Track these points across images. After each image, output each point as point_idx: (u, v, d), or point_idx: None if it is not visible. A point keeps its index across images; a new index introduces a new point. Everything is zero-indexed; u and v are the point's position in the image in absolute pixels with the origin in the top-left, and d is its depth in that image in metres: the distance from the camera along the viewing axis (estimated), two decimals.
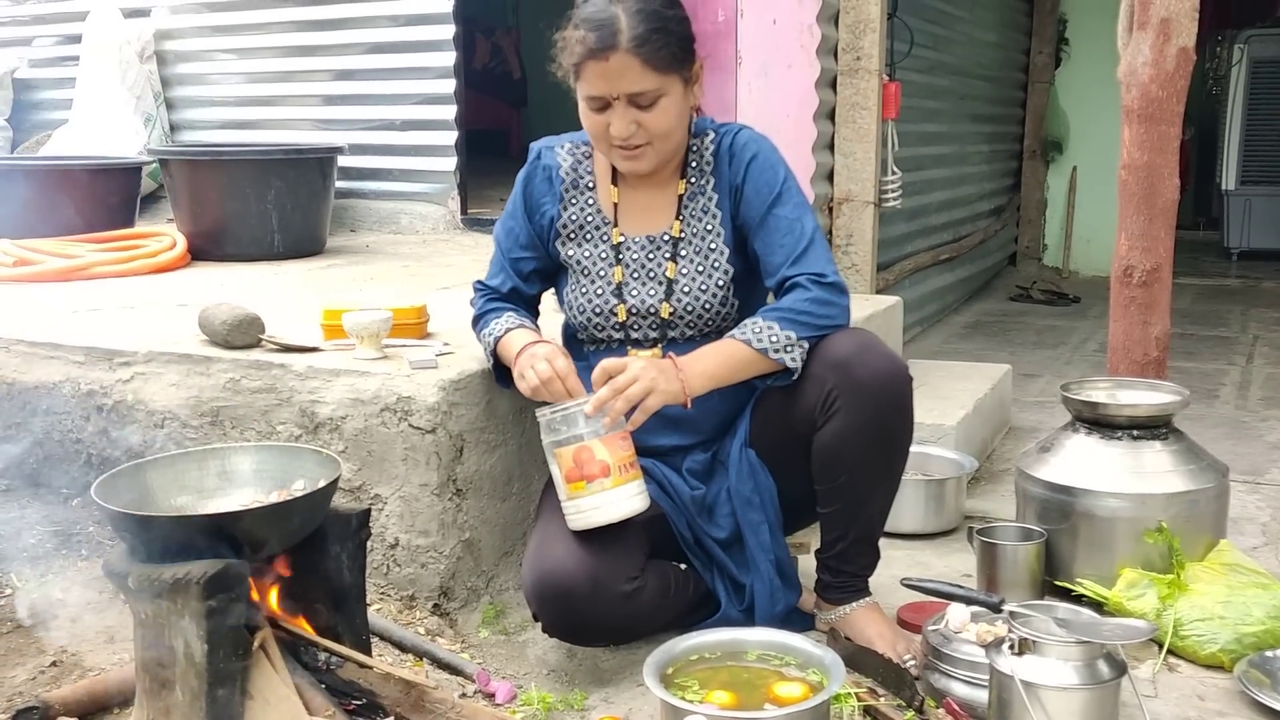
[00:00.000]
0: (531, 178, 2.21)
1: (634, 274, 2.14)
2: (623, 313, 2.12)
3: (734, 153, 2.13)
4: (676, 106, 2.02)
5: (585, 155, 2.21)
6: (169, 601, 1.57)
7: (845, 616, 2.11)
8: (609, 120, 2.00)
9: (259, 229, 3.88)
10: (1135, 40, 2.72)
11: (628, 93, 1.97)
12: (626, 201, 2.17)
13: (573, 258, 2.18)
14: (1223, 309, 6.09)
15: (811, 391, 2.00)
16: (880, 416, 1.98)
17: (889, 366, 1.99)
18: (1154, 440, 2.34)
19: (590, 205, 2.18)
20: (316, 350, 2.41)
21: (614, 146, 2.04)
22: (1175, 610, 2.13)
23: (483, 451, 2.29)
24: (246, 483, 1.84)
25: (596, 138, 2.06)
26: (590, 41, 1.96)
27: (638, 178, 2.15)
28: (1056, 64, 7.25)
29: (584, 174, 2.20)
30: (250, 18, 4.95)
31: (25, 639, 2.05)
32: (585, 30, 1.97)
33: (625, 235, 2.15)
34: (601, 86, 1.98)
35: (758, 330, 1.98)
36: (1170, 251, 2.78)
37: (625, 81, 1.96)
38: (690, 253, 2.13)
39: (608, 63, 1.96)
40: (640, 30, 1.95)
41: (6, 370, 2.59)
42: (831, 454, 2.01)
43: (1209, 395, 4.25)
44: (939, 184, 5.48)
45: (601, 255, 2.16)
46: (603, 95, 1.99)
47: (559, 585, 1.92)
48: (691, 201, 2.15)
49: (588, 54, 1.97)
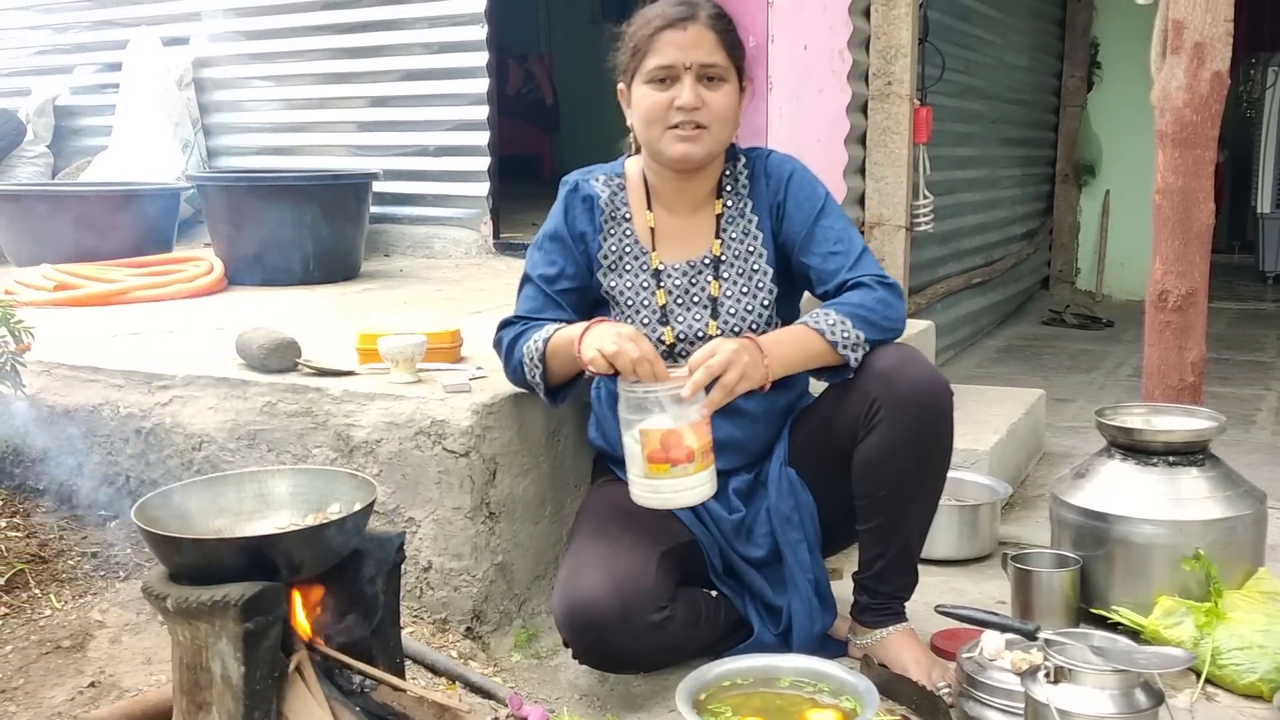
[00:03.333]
0: (571, 207, 2.20)
1: (677, 300, 2.15)
2: (669, 336, 2.13)
3: (769, 172, 2.17)
4: (734, 100, 2.09)
5: (619, 186, 2.22)
6: (206, 623, 1.59)
7: (880, 642, 2.10)
8: (674, 94, 2.04)
9: (295, 254, 3.92)
10: (1169, 65, 2.72)
11: (701, 62, 2.03)
12: (663, 227, 2.19)
13: (615, 289, 2.18)
14: (1258, 333, 6.03)
15: (855, 403, 2.03)
16: (922, 428, 1.99)
17: (931, 379, 2.01)
18: (1190, 466, 2.32)
19: (628, 235, 2.19)
20: (352, 374, 2.43)
21: (669, 129, 2.06)
22: (1213, 639, 2.11)
23: (515, 475, 2.30)
24: (283, 506, 1.85)
25: (652, 119, 2.06)
26: (670, 13, 2.06)
27: (675, 200, 2.16)
28: (1089, 87, 7.23)
29: (620, 204, 2.21)
30: (286, 46, 5.01)
31: (64, 660, 2.07)
32: (664, 6, 2.07)
33: (664, 262, 2.17)
34: (675, 54, 2.03)
35: (831, 323, 2.00)
36: (1205, 276, 2.77)
37: (700, 51, 2.03)
38: (733, 273, 2.15)
39: (685, 31, 2.04)
40: (715, 10, 2.08)
41: (48, 393, 2.63)
42: (872, 466, 2.02)
43: (1245, 420, 4.21)
44: (971, 208, 5.46)
45: (643, 284, 2.17)
46: (674, 63, 2.03)
47: (589, 615, 1.92)
48: (731, 224, 2.17)
49: (666, 23, 2.05)
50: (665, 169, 2.14)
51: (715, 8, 2.09)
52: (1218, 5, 2.65)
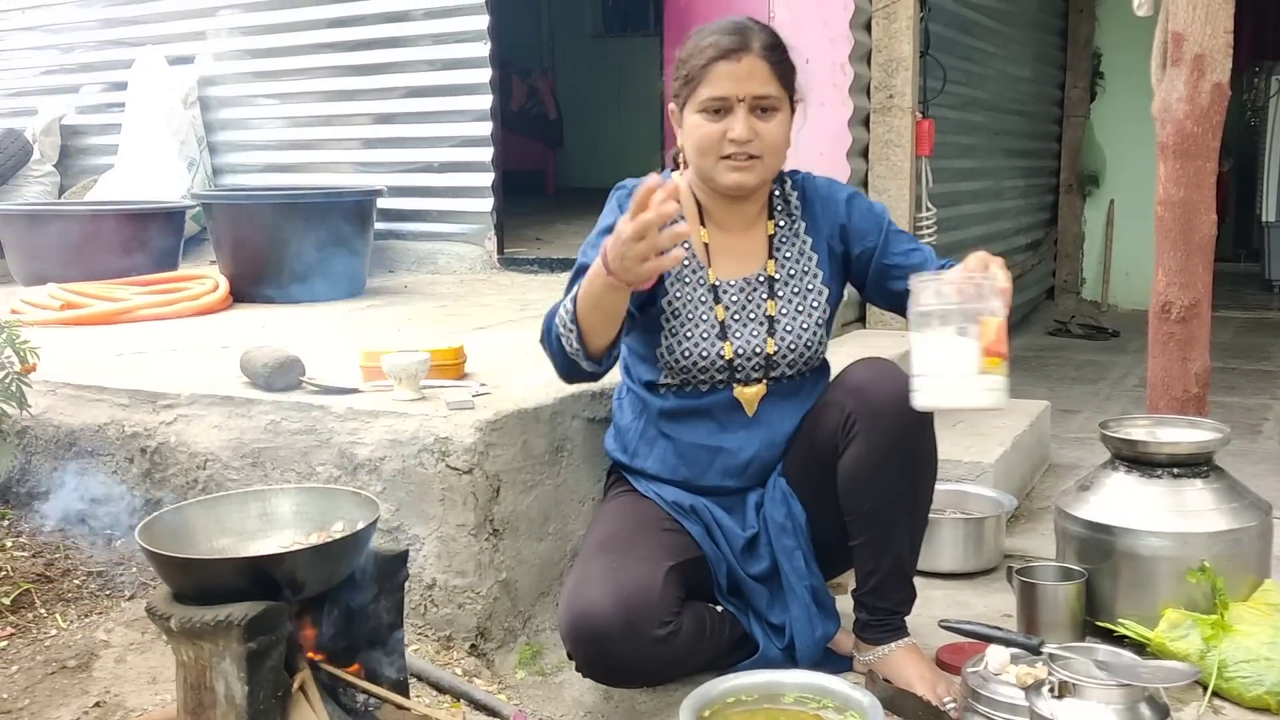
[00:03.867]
0: (626, 207, 2.08)
1: (734, 315, 2.15)
2: (729, 351, 2.13)
3: (822, 194, 2.22)
4: (786, 128, 2.10)
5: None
6: (210, 643, 1.59)
7: (884, 658, 2.10)
8: (726, 126, 2.04)
9: (299, 271, 3.93)
10: (1169, 76, 2.72)
11: (754, 94, 2.03)
12: (716, 244, 2.19)
13: (669, 301, 2.15)
14: (1264, 342, 6.01)
15: (832, 417, 2.06)
16: (897, 438, 2.01)
17: (905, 389, 2.00)
18: (1195, 478, 2.31)
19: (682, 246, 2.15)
20: (356, 392, 2.44)
21: (721, 159, 2.06)
22: (1219, 651, 2.10)
23: (519, 492, 2.31)
24: (287, 524, 1.86)
25: (705, 150, 2.07)
26: (724, 44, 2.04)
27: (726, 219, 2.17)
28: (1091, 98, 7.24)
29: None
30: (291, 64, 5.04)
31: (69, 680, 2.08)
32: (717, 36, 2.05)
33: (720, 278, 2.17)
34: (728, 87, 2.03)
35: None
36: (1208, 287, 2.76)
37: (753, 83, 2.03)
38: (788, 292, 2.17)
39: (739, 63, 2.03)
40: (769, 40, 2.07)
41: (53, 413, 2.64)
42: (853, 480, 2.04)
43: (1251, 430, 4.20)
44: (974, 219, 5.47)
45: (700, 298, 2.16)
46: (728, 96, 2.03)
47: (593, 628, 1.92)
48: (784, 244, 2.19)
49: (720, 54, 2.03)
50: (717, 193, 2.15)
51: (768, 35, 2.07)
52: (1217, 17, 2.66)
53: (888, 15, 3.90)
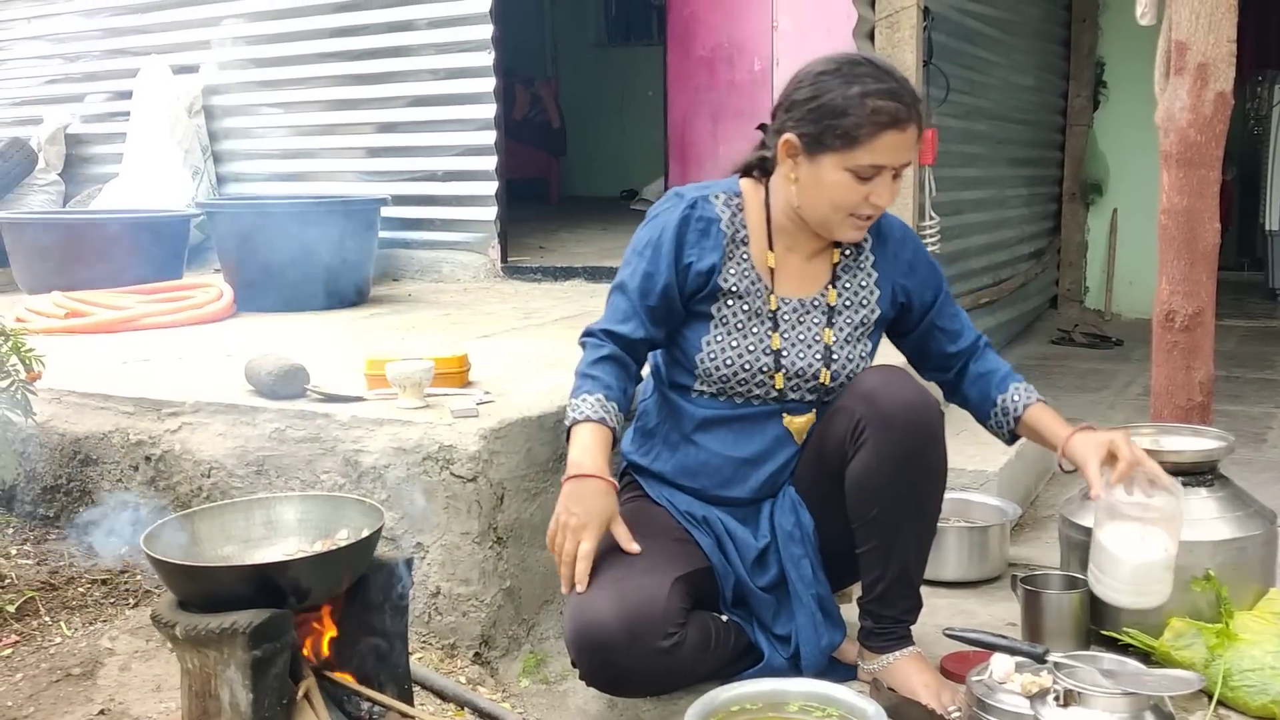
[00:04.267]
0: (684, 225, 2.10)
1: (785, 334, 2.14)
2: (780, 380, 2.12)
3: (896, 237, 2.22)
4: None
5: (738, 208, 2.15)
6: (215, 651, 1.59)
7: (888, 666, 2.10)
8: (870, 190, 2.00)
9: (303, 279, 3.94)
10: (1173, 85, 2.72)
11: (905, 162, 2.01)
12: (781, 265, 2.15)
13: (728, 312, 2.12)
14: (1269, 351, 6.00)
15: (841, 423, 2.05)
16: (907, 445, 2.00)
17: (915, 396, 2.02)
18: (1199, 487, 2.31)
19: (745, 260, 2.13)
20: (360, 400, 2.44)
21: (849, 216, 2.04)
22: (1224, 660, 2.09)
23: (523, 499, 2.31)
24: (291, 532, 1.86)
25: (839, 207, 2.02)
26: (897, 114, 1.97)
27: (798, 241, 2.14)
28: (1095, 106, 7.23)
29: (739, 227, 2.14)
30: (295, 73, 5.06)
31: (74, 687, 2.08)
32: (887, 101, 1.96)
33: (780, 299, 2.14)
34: (893, 156, 1.98)
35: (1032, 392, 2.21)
36: (1212, 296, 2.76)
37: (910, 151, 2.01)
38: (842, 322, 2.16)
39: (905, 133, 1.98)
40: (920, 103, 2.01)
41: (59, 421, 2.64)
42: (862, 486, 2.03)
43: (1256, 439, 4.19)
44: (978, 228, 5.47)
45: (758, 312, 2.12)
46: (889, 165, 1.99)
47: (597, 638, 1.92)
48: (846, 273, 2.18)
49: (890, 122, 1.96)
50: (802, 223, 2.12)
51: (918, 96, 2.01)
52: (1220, 26, 2.66)
53: (891, 25, 3.91)
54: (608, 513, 1.97)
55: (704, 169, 4.56)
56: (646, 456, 2.22)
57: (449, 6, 4.60)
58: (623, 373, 2.07)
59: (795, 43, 3.91)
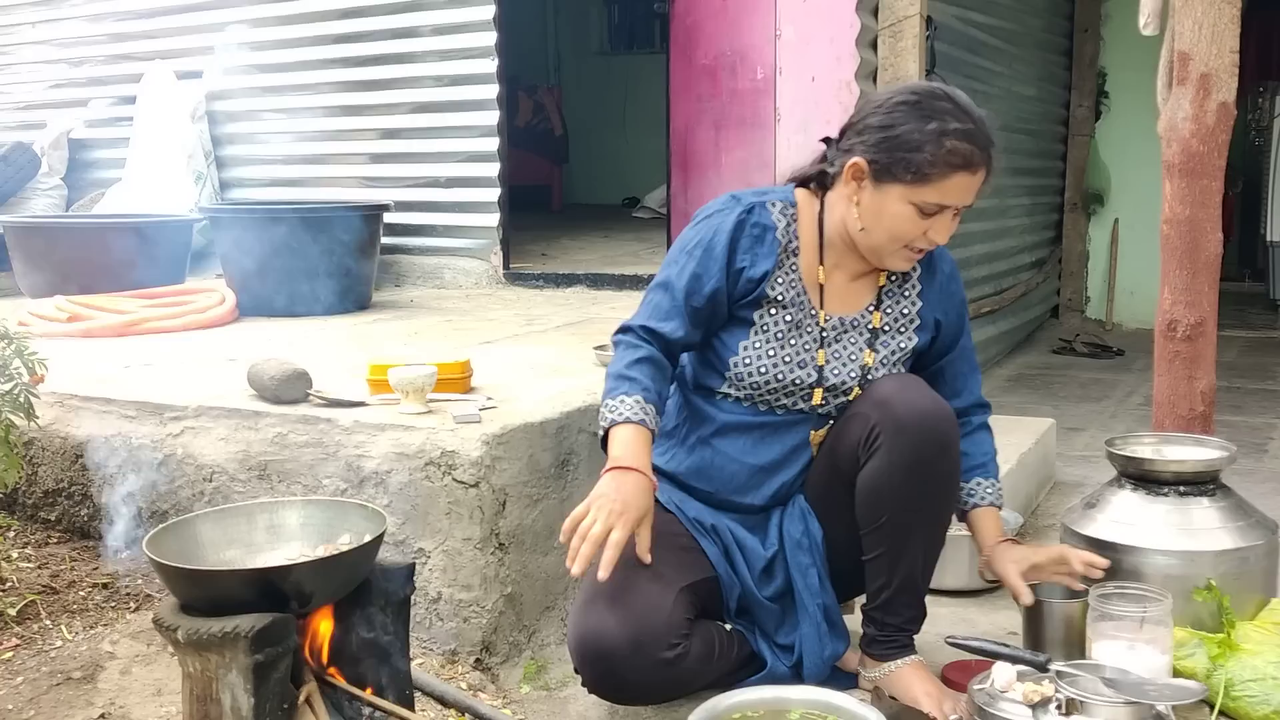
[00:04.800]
0: (739, 230, 2.07)
1: (835, 355, 2.13)
2: (819, 396, 2.11)
3: (946, 273, 2.21)
4: None
5: (793, 218, 2.12)
6: (216, 655, 1.59)
7: (890, 674, 2.10)
8: (929, 226, 1.99)
9: (306, 285, 3.94)
10: (1175, 95, 2.73)
11: (969, 204, 2.01)
12: (830, 282, 2.14)
13: (770, 321, 2.10)
14: (1270, 361, 6.01)
15: (855, 429, 2.04)
16: (921, 454, 1.99)
17: (931, 405, 2.02)
18: (1201, 496, 2.31)
19: (794, 271, 2.11)
20: (362, 405, 2.45)
21: (904, 248, 2.03)
22: (1226, 670, 2.09)
23: (525, 505, 2.31)
24: (293, 537, 1.86)
25: (897, 238, 2.01)
26: (973, 158, 1.95)
27: (846, 259, 2.13)
28: (1096, 116, 7.25)
29: (793, 238, 2.10)
30: (299, 79, 5.07)
31: (75, 691, 2.08)
32: (966, 144, 1.94)
33: (828, 316, 2.13)
34: (960, 197, 1.97)
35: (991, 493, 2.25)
36: (1214, 306, 2.76)
37: (974, 195, 2.00)
38: (882, 345, 2.15)
39: (976, 175, 1.97)
40: (996, 151, 2.00)
41: (61, 424, 2.64)
42: (873, 492, 2.02)
43: (1257, 449, 4.19)
44: (979, 237, 5.47)
45: (808, 329, 2.11)
46: (954, 205, 1.98)
47: (600, 648, 1.91)
48: (890, 297, 2.17)
49: (964, 164, 1.95)
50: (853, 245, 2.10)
51: (991, 135, 1.99)
52: (1223, 37, 2.67)
53: (894, 34, 3.92)
54: (644, 509, 1.91)
55: (706, 177, 4.56)
56: (662, 457, 2.18)
57: (453, 14, 4.61)
58: (659, 375, 2.03)
59: (798, 51, 3.92)
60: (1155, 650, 2.01)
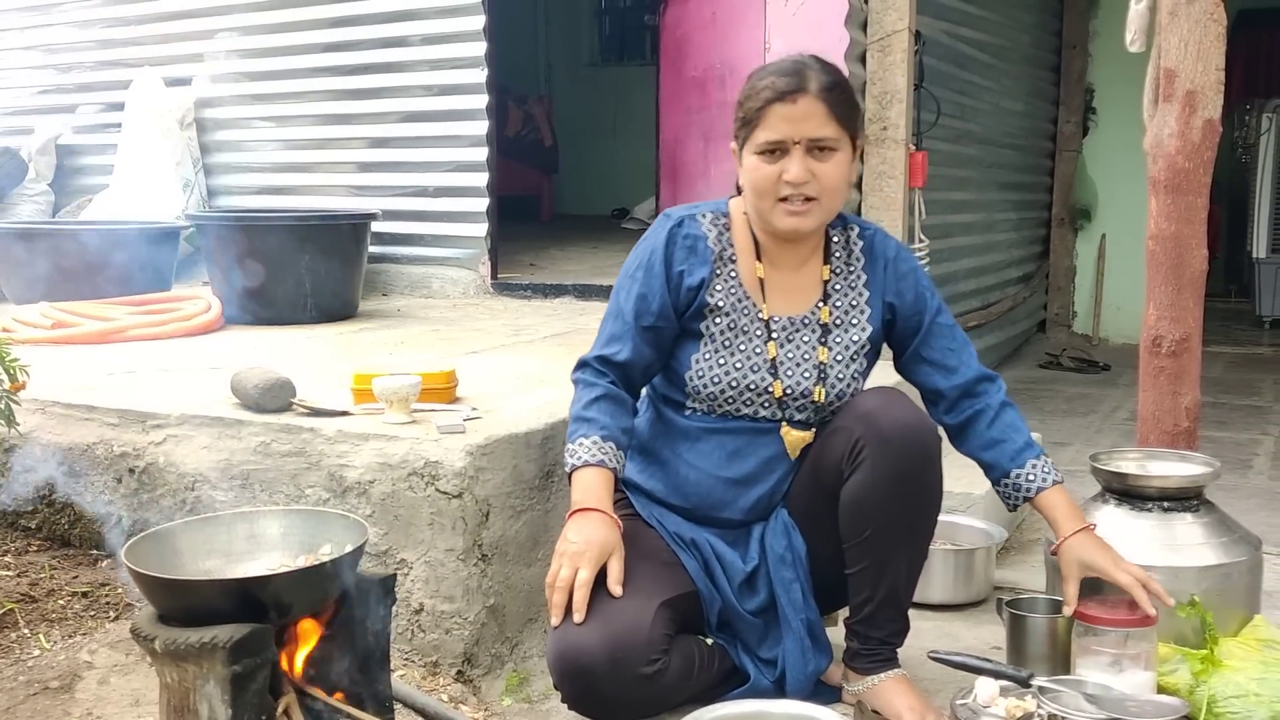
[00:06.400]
0: (671, 243, 2.13)
1: (788, 353, 2.14)
2: (779, 389, 2.12)
3: (890, 257, 2.21)
4: (845, 168, 2.07)
5: (725, 227, 2.17)
6: (194, 665, 1.58)
7: (873, 688, 2.09)
8: (782, 168, 2.02)
9: (292, 293, 3.93)
10: (1161, 112, 2.74)
11: (810, 137, 2.01)
12: (770, 280, 2.16)
13: (715, 329, 2.13)
14: (1255, 378, 6.03)
15: (839, 443, 2.05)
16: (904, 467, 2.00)
17: (914, 418, 2.03)
18: (1185, 512, 2.31)
19: (734, 278, 2.15)
20: (346, 414, 2.43)
21: (779, 202, 2.05)
22: (1209, 687, 2.09)
23: (508, 516, 2.30)
24: (274, 546, 1.85)
25: (763, 192, 2.05)
26: (780, 85, 2.01)
27: (780, 256, 2.15)
28: (1084, 132, 7.29)
29: (726, 245, 2.16)
30: (288, 87, 5.06)
31: (51, 701, 2.06)
32: (774, 77, 2.03)
33: (772, 314, 2.15)
34: (785, 129, 2.01)
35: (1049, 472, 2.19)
36: (1199, 321, 2.77)
37: (810, 125, 2.01)
38: (832, 341, 2.16)
39: (795, 105, 2.01)
40: (826, 80, 2.03)
41: (42, 431, 2.63)
42: (857, 506, 2.02)
43: (1242, 466, 4.20)
44: (967, 251, 5.49)
45: (746, 328, 2.13)
46: (784, 138, 2.01)
47: (580, 663, 1.90)
48: (837, 292, 2.18)
49: (775, 96, 2.01)
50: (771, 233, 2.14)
51: (826, 75, 2.04)
52: (1209, 54, 2.68)
53: (882, 48, 3.93)
54: (608, 544, 1.97)
55: (695, 189, 4.57)
56: (641, 474, 2.21)
57: (443, 23, 4.61)
58: (618, 409, 2.09)
59: None
60: (1139, 666, 2.01)
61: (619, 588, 1.95)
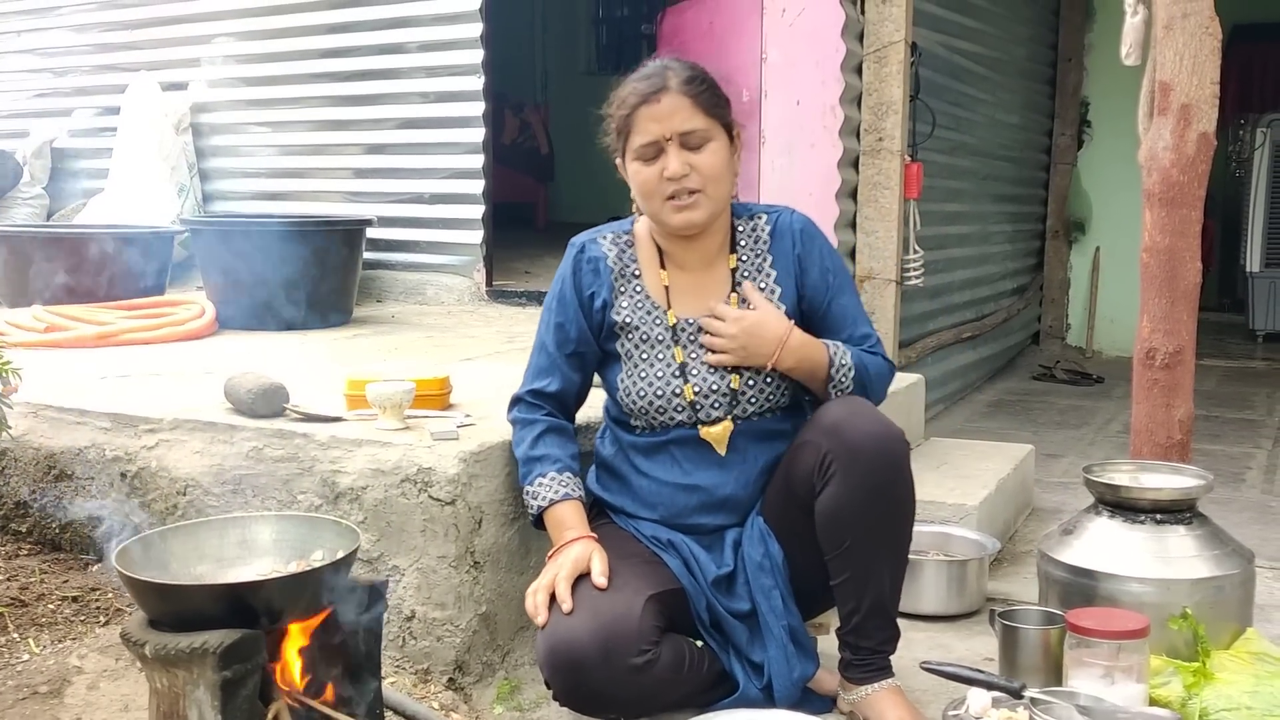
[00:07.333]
0: (577, 270, 2.21)
1: (692, 354, 2.16)
2: (689, 392, 2.14)
3: (794, 231, 2.22)
4: (723, 154, 2.12)
5: (628, 244, 2.24)
6: (184, 670, 1.57)
7: (866, 698, 2.09)
8: (661, 166, 2.08)
9: (287, 298, 3.92)
10: (1156, 125, 2.75)
11: (679, 131, 2.07)
12: (677, 284, 2.20)
13: (630, 346, 2.18)
14: (1248, 391, 6.04)
15: (808, 457, 2.06)
16: (875, 477, 2.01)
17: (881, 428, 2.04)
18: (1178, 525, 2.32)
19: (639, 292, 2.20)
20: (339, 420, 2.43)
21: (666, 201, 2.09)
22: (1201, 699, 2.09)
23: (501, 524, 2.29)
24: (266, 552, 1.85)
25: (649, 194, 2.11)
26: (642, 89, 2.09)
27: (686, 258, 2.19)
28: (1079, 145, 7.30)
29: (629, 262, 2.22)
30: (284, 92, 5.06)
31: (40, 706, 2.05)
32: (636, 83, 2.11)
33: (679, 317, 2.18)
34: (654, 129, 2.07)
35: (842, 361, 2.13)
36: (1193, 334, 2.78)
37: (677, 120, 2.07)
38: None
39: (659, 104, 2.07)
40: (686, 75, 2.11)
41: (34, 435, 2.62)
42: (832, 518, 2.03)
43: (1234, 479, 4.21)
44: (961, 263, 5.50)
45: (659, 338, 2.17)
46: (655, 138, 2.07)
47: (570, 655, 1.92)
48: (745, 277, 2.20)
49: (640, 100, 2.08)
50: (672, 235, 2.18)
51: (685, 70, 2.11)
52: (1204, 68, 2.69)
53: (879, 59, 3.94)
54: (587, 549, 2.04)
55: None
56: (608, 492, 2.26)
57: (440, 30, 4.62)
58: (562, 439, 2.20)
59: (784, 74, 3.93)
60: (1131, 678, 2.01)
61: (604, 579, 1.99)
